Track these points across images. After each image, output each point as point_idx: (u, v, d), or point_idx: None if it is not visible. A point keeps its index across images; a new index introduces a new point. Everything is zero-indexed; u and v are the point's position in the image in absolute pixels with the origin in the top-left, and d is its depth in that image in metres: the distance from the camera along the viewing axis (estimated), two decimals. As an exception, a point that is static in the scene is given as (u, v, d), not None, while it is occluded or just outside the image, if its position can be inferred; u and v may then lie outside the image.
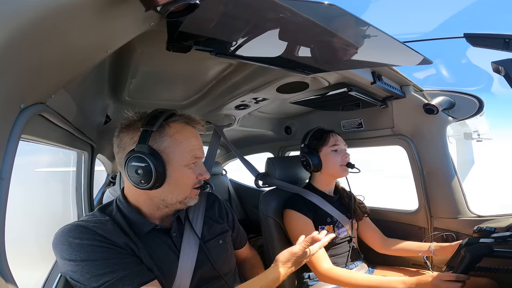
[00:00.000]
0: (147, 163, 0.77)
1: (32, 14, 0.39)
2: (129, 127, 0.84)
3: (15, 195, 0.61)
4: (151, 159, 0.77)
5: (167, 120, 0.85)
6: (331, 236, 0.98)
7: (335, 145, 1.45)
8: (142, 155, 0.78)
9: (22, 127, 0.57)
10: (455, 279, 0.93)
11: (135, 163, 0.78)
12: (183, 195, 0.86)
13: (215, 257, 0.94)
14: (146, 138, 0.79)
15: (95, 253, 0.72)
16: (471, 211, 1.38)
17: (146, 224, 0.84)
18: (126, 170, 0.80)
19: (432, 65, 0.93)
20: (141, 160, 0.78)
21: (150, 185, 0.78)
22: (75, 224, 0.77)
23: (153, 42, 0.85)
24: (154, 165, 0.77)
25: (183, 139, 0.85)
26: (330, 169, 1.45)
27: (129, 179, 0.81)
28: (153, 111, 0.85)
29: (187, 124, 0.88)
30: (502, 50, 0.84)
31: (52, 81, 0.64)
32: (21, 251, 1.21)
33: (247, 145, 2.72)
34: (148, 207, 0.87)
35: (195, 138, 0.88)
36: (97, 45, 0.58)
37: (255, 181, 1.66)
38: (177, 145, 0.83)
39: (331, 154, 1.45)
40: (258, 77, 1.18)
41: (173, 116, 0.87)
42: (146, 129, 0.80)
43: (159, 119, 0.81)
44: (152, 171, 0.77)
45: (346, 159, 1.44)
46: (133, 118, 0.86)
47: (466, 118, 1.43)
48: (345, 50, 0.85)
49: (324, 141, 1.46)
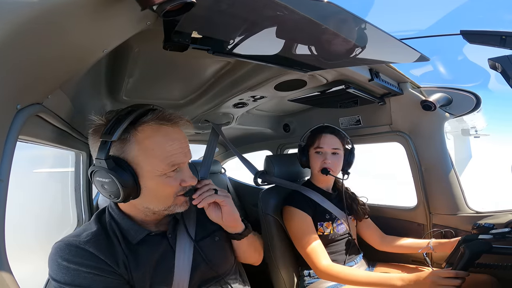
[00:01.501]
0: (110, 178, 0.69)
1: (27, 14, 0.39)
2: (94, 133, 0.75)
3: (14, 196, 0.61)
4: (113, 173, 0.69)
5: (135, 124, 0.73)
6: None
7: (319, 147, 1.45)
8: (103, 170, 0.69)
9: (19, 128, 0.57)
10: (454, 276, 0.94)
11: (98, 178, 0.71)
12: (164, 204, 0.79)
13: (211, 256, 0.91)
14: (104, 150, 0.70)
15: (79, 279, 0.70)
16: (470, 207, 1.39)
17: (140, 231, 0.81)
18: (94, 184, 0.74)
19: (429, 62, 0.93)
20: (103, 175, 0.70)
21: (121, 199, 0.71)
22: (67, 243, 0.73)
23: (150, 41, 0.84)
24: (118, 180, 0.69)
25: (155, 146, 0.73)
26: (312, 169, 1.50)
27: (100, 192, 0.75)
28: (120, 112, 0.74)
29: (161, 125, 0.75)
30: (498, 47, 0.85)
31: (49, 82, 0.64)
32: (21, 254, 1.21)
33: (245, 143, 2.71)
34: (136, 214, 0.83)
35: (171, 142, 0.76)
36: (93, 44, 0.58)
37: (254, 179, 1.66)
38: (148, 153, 0.73)
39: (314, 155, 1.47)
40: (256, 75, 1.18)
41: (144, 115, 0.74)
42: (105, 140, 0.70)
43: (122, 125, 0.69)
44: (118, 186, 0.69)
45: (324, 164, 1.42)
46: (99, 121, 0.75)
47: (463, 114, 1.44)
48: (343, 48, 0.85)
49: (311, 142, 1.49)
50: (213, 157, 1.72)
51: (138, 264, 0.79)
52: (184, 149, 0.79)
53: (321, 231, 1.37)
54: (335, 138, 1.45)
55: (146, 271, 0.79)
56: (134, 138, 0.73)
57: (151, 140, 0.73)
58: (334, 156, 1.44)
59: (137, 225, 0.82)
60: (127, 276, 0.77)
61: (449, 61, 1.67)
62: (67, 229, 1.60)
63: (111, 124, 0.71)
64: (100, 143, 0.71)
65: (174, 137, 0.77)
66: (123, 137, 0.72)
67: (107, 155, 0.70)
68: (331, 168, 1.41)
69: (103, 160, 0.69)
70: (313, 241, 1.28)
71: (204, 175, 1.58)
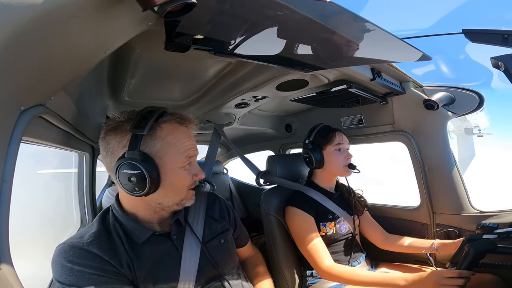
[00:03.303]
0: (140, 170, 0.73)
1: (29, 15, 0.39)
2: (117, 130, 0.79)
3: (18, 197, 0.62)
4: (144, 165, 0.73)
5: (157, 121, 0.80)
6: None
7: (340, 143, 1.44)
8: (135, 162, 0.73)
9: (22, 129, 0.57)
10: (457, 276, 0.93)
11: (127, 170, 0.74)
12: (179, 197, 0.84)
13: (217, 257, 0.93)
14: (136, 143, 0.75)
15: (83, 280, 0.71)
16: (474, 207, 1.38)
17: (144, 231, 0.83)
18: (118, 177, 0.76)
19: (431, 61, 0.93)
20: (133, 167, 0.73)
21: (145, 192, 0.75)
22: (71, 245, 0.75)
23: (152, 42, 0.85)
24: (147, 171, 0.73)
25: (176, 140, 0.81)
26: (332, 168, 1.45)
27: (122, 187, 0.77)
28: (142, 111, 0.80)
29: (180, 124, 0.84)
30: (501, 45, 0.84)
31: (51, 83, 0.64)
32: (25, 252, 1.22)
33: (247, 144, 2.72)
34: (144, 212, 0.85)
35: (188, 139, 0.84)
36: (95, 45, 0.58)
37: (256, 180, 1.66)
38: (170, 147, 0.79)
39: (334, 153, 1.44)
40: (258, 75, 1.18)
41: (164, 115, 0.82)
42: (136, 133, 0.75)
43: (149, 121, 0.76)
44: (146, 178, 0.74)
45: (348, 160, 1.43)
46: (120, 119, 0.80)
47: (466, 113, 1.43)
48: (344, 47, 0.85)
49: (330, 139, 1.45)
50: (215, 158, 1.72)
51: (142, 263, 0.79)
52: (195, 146, 0.87)
53: (324, 231, 1.37)
54: (345, 136, 1.48)
55: (150, 270, 0.80)
56: (158, 133, 0.79)
57: (173, 136, 0.81)
58: (350, 153, 1.46)
59: (142, 226, 0.84)
60: (131, 277, 0.78)
61: (451, 60, 1.65)
62: (70, 229, 1.61)
63: (138, 120, 0.76)
64: (131, 137, 0.76)
65: (189, 135, 0.86)
66: (149, 132, 0.77)
67: (139, 148, 0.75)
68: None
69: (136, 152, 0.74)
70: (315, 241, 1.28)
71: (206, 175, 1.59)
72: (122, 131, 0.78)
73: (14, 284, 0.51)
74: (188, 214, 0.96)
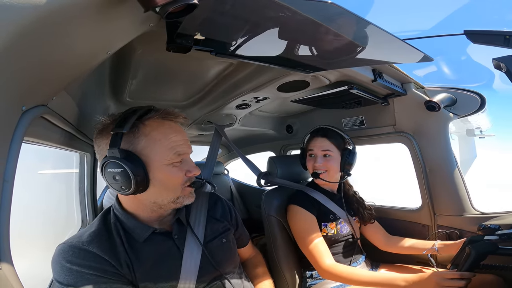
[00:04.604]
0: (122, 168, 0.73)
1: (32, 16, 0.40)
2: (103, 132, 0.81)
3: (19, 197, 0.62)
4: (125, 163, 0.73)
5: (141, 119, 0.79)
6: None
7: (311, 150, 1.46)
8: (116, 160, 0.73)
9: (24, 129, 0.57)
10: (459, 277, 0.93)
11: (110, 169, 0.75)
12: (174, 195, 0.83)
13: (218, 257, 0.93)
14: (117, 141, 0.75)
15: (82, 281, 0.72)
16: (475, 208, 1.38)
17: (145, 229, 0.83)
18: (105, 177, 0.77)
19: (433, 62, 0.93)
20: (116, 165, 0.74)
21: (131, 190, 0.75)
22: (70, 245, 0.75)
23: (153, 43, 0.85)
24: (130, 169, 0.73)
25: (161, 136, 0.79)
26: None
27: (110, 186, 0.77)
28: (125, 111, 0.80)
29: (164, 119, 0.82)
30: (502, 46, 0.84)
31: (53, 83, 0.64)
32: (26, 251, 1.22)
33: (248, 145, 2.72)
34: (142, 211, 0.85)
35: (175, 134, 0.82)
36: (97, 46, 0.58)
37: (257, 180, 1.66)
38: (156, 143, 0.78)
39: (308, 158, 1.48)
40: (259, 76, 1.18)
41: (148, 113, 0.81)
42: (116, 132, 0.75)
43: (130, 119, 0.76)
44: (130, 176, 0.73)
45: (314, 168, 1.44)
46: (106, 121, 0.81)
47: (468, 114, 1.43)
48: (345, 48, 0.85)
49: (306, 145, 1.49)
50: (216, 158, 1.72)
51: (142, 263, 0.80)
52: (186, 141, 0.85)
53: (325, 231, 1.36)
54: (326, 140, 1.44)
55: (151, 269, 0.80)
56: (141, 130, 0.78)
57: (158, 131, 0.79)
58: (325, 158, 1.43)
59: (142, 223, 0.84)
60: (130, 276, 0.78)
61: (453, 61, 1.65)
62: (71, 230, 1.61)
63: (120, 120, 0.77)
64: (112, 136, 0.76)
65: (177, 129, 0.84)
66: (131, 130, 0.77)
67: (119, 146, 0.74)
68: (321, 169, 1.42)
69: (116, 150, 0.74)
70: (316, 240, 1.28)
71: (207, 176, 1.58)
72: (107, 132, 0.79)
73: (14, 284, 0.51)
74: (190, 214, 0.96)
